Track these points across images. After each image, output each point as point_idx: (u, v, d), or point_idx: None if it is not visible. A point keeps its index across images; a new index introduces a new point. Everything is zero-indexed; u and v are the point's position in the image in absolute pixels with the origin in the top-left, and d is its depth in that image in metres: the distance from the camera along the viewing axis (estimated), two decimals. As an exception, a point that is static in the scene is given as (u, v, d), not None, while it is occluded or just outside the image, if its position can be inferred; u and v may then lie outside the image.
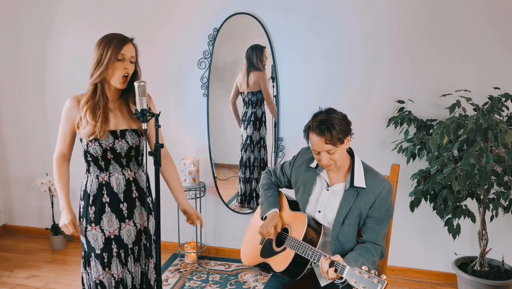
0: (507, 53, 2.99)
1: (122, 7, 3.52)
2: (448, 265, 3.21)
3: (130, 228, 2.11)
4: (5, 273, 3.43)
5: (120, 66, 1.99)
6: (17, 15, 3.75)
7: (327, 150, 1.94)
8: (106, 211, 2.07)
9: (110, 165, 2.06)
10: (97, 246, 2.07)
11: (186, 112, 3.59)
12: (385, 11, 3.13)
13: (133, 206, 2.11)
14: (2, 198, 4.12)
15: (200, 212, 3.61)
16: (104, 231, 2.07)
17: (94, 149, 2.03)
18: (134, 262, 2.15)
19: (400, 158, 3.07)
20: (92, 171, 2.08)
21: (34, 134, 3.92)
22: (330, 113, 1.97)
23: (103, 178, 2.07)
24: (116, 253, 2.09)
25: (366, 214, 1.99)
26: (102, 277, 2.08)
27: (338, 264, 1.79)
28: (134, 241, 2.12)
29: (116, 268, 2.10)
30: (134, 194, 2.11)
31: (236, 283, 3.28)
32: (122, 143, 2.06)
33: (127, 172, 2.10)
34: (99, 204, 2.06)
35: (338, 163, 1.99)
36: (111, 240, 2.08)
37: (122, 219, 2.09)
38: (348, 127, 1.98)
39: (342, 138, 1.93)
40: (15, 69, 3.86)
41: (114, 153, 2.05)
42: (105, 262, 2.08)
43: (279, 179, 2.30)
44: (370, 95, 3.22)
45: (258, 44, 3.38)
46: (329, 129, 1.91)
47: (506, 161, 2.64)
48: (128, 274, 2.13)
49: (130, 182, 2.10)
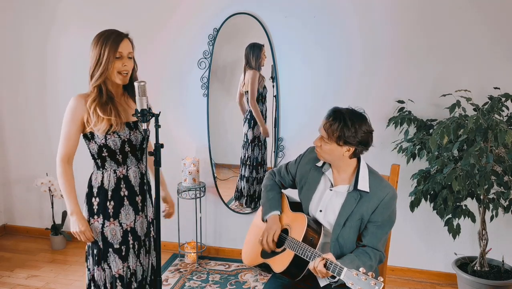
0: (507, 53, 2.99)
1: (123, 7, 3.52)
2: (448, 265, 3.21)
3: (143, 220, 2.16)
4: (5, 273, 3.43)
5: (118, 64, 2.01)
6: (17, 16, 3.75)
7: (322, 135, 1.96)
8: (124, 204, 2.10)
9: (128, 158, 2.09)
10: (115, 240, 2.09)
11: (186, 112, 3.59)
12: (385, 11, 3.13)
13: (145, 199, 2.16)
14: (2, 198, 4.12)
15: (200, 212, 3.61)
16: (122, 224, 2.10)
17: (114, 141, 2.04)
18: (146, 254, 2.19)
19: (400, 158, 3.07)
20: (108, 167, 2.08)
21: (34, 135, 3.92)
22: (357, 116, 1.93)
23: (121, 172, 2.09)
24: (132, 245, 2.12)
25: (368, 219, 1.99)
26: (122, 271, 2.10)
27: (336, 265, 1.79)
28: (145, 233, 2.17)
29: (132, 260, 2.13)
30: (145, 186, 2.16)
31: (236, 283, 3.28)
32: (137, 134, 2.10)
33: (141, 165, 2.15)
34: (118, 198, 2.08)
35: (322, 155, 1.99)
36: (127, 232, 2.11)
37: (137, 211, 2.13)
38: (356, 141, 1.91)
39: (338, 138, 1.91)
40: (15, 69, 3.86)
41: (131, 144, 2.08)
42: (123, 255, 2.10)
43: (283, 178, 2.29)
44: (370, 95, 3.22)
45: (256, 43, 3.38)
46: (334, 122, 1.91)
47: (506, 161, 2.64)
48: (139, 266, 2.16)
49: (143, 174, 2.16)
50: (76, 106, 2.03)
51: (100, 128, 2.01)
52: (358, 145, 1.94)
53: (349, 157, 1.99)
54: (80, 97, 2.05)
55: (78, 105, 2.03)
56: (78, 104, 2.03)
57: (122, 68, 2.03)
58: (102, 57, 1.99)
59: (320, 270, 1.82)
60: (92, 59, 2.02)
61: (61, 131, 2.06)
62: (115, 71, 2.02)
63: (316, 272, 1.85)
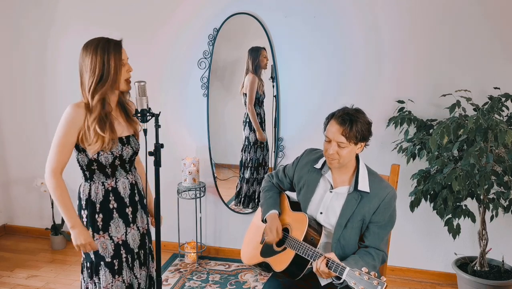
0: (507, 53, 2.99)
1: (122, 7, 3.52)
2: (448, 265, 3.21)
3: (135, 232, 2.10)
4: (5, 273, 3.43)
5: (123, 71, 1.96)
6: (17, 16, 3.75)
7: (339, 141, 1.93)
8: (113, 217, 2.03)
9: (117, 171, 2.03)
10: (107, 254, 2.03)
11: (186, 112, 3.59)
12: (385, 12, 3.12)
13: (136, 210, 2.10)
14: (2, 198, 4.12)
15: (200, 212, 3.61)
16: (113, 237, 2.03)
17: (106, 157, 1.97)
18: (140, 266, 2.13)
19: (400, 158, 3.07)
20: (96, 179, 2.01)
21: (34, 135, 3.92)
22: (359, 112, 1.98)
23: (109, 184, 2.02)
24: (125, 258, 2.06)
25: (369, 219, 1.99)
26: (111, 286, 2.04)
27: (338, 264, 1.79)
28: (139, 245, 2.11)
29: (126, 274, 2.07)
30: (136, 197, 2.10)
31: (236, 283, 3.28)
32: (128, 150, 2.04)
33: (130, 176, 2.09)
34: (107, 210, 2.02)
35: (341, 161, 1.97)
36: (119, 245, 2.04)
37: (127, 223, 2.07)
38: (368, 134, 1.98)
39: (358, 139, 1.94)
40: (15, 69, 3.86)
41: (121, 159, 2.02)
42: (115, 270, 2.04)
43: (281, 181, 2.29)
44: (370, 95, 3.22)
45: (254, 46, 3.39)
46: (351, 123, 1.92)
47: (506, 161, 2.64)
48: (134, 279, 2.11)
49: (133, 185, 2.09)
50: (75, 117, 1.91)
51: (92, 149, 1.92)
52: (369, 137, 2.00)
53: (360, 151, 2.02)
54: (80, 108, 1.93)
55: (78, 117, 1.91)
56: (78, 116, 1.92)
57: (128, 75, 1.98)
58: (109, 68, 1.88)
59: (323, 270, 1.82)
60: (91, 72, 1.89)
61: (53, 140, 1.94)
62: (123, 80, 1.96)
63: (319, 273, 1.85)
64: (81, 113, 1.92)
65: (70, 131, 1.92)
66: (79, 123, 1.92)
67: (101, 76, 1.90)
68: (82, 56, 1.93)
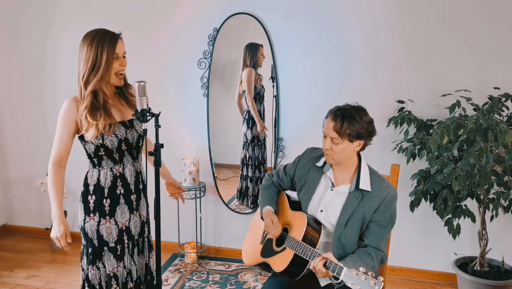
0: (507, 53, 2.99)
1: (122, 7, 3.52)
2: (448, 265, 3.21)
3: (137, 219, 2.15)
4: (5, 273, 3.43)
5: (116, 65, 1.99)
6: (16, 15, 3.75)
7: (332, 137, 1.94)
8: (120, 202, 2.09)
9: (124, 156, 2.08)
10: (111, 239, 2.08)
11: (186, 112, 3.59)
12: (385, 11, 3.13)
13: (139, 198, 2.16)
14: (2, 198, 4.12)
15: (200, 212, 3.61)
16: (118, 222, 2.08)
17: (111, 140, 2.01)
18: (138, 253, 2.18)
19: (400, 158, 3.07)
20: (105, 164, 2.06)
21: (34, 134, 3.92)
22: (359, 110, 1.97)
23: (117, 170, 2.07)
24: (127, 244, 2.12)
25: (370, 218, 1.99)
26: (116, 270, 2.09)
27: (336, 265, 1.79)
28: (139, 232, 2.16)
29: (127, 259, 2.12)
30: (140, 185, 2.15)
31: (236, 283, 3.28)
32: (133, 133, 2.08)
33: (136, 163, 2.14)
34: (114, 196, 2.07)
35: (335, 157, 1.97)
36: (123, 231, 2.10)
37: (131, 210, 2.12)
38: (366, 132, 1.96)
39: (352, 136, 1.93)
40: (14, 69, 3.86)
41: (127, 143, 2.06)
42: (118, 254, 2.09)
43: (282, 180, 2.28)
44: (370, 95, 3.22)
45: (253, 42, 3.39)
46: (343, 120, 1.91)
47: (506, 161, 2.64)
48: (134, 265, 2.15)
49: (138, 173, 2.15)
50: (69, 109, 2.00)
51: (89, 136, 1.98)
52: (367, 136, 1.97)
53: (359, 151, 2.01)
54: (73, 101, 2.01)
55: (71, 109, 2.00)
56: (71, 108, 2.00)
57: (120, 69, 2.01)
58: (101, 60, 1.94)
59: (319, 269, 1.82)
60: (85, 62, 1.95)
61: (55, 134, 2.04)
62: (113, 73, 1.99)
63: (316, 271, 1.86)
64: (73, 106, 2.00)
65: (64, 124, 2.01)
66: (72, 115, 2.00)
67: (93, 68, 1.96)
68: (80, 46, 2.00)
